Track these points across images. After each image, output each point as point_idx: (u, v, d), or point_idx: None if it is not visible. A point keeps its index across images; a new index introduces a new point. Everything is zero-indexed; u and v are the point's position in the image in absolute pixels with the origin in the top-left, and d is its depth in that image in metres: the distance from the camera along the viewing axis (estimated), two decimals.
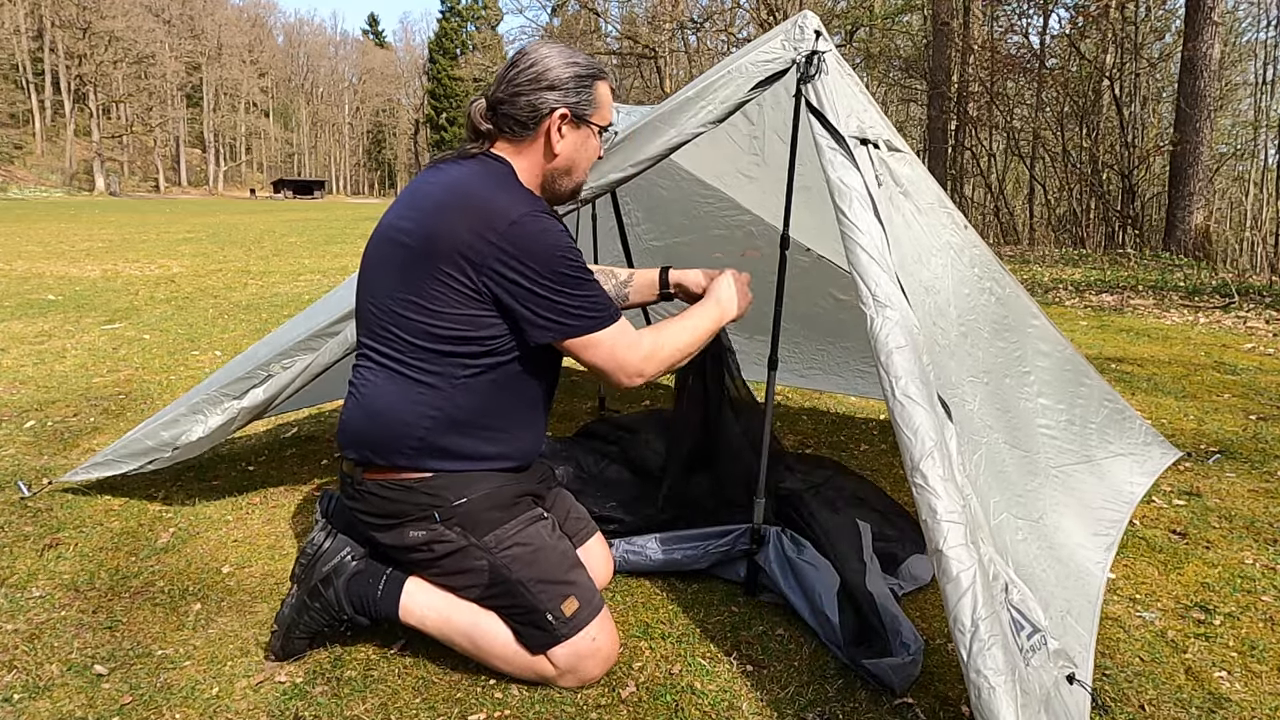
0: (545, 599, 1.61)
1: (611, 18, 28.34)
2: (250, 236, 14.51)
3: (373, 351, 1.63)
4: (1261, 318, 6.23)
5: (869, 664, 1.65)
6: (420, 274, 1.53)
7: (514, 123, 1.65)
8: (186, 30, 61.80)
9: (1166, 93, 16.45)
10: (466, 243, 1.49)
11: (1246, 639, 1.86)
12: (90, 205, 29.95)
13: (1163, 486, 2.73)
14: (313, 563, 1.72)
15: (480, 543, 1.62)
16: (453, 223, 1.52)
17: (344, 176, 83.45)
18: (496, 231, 1.49)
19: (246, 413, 2.30)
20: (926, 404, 1.43)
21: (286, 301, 6.79)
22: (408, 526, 1.62)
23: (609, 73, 1.71)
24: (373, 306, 1.63)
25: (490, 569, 1.62)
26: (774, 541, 2.03)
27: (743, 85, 1.77)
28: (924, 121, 19.14)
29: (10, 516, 2.44)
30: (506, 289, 1.52)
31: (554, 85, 1.63)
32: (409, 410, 1.57)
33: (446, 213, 1.54)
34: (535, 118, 1.64)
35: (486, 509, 1.62)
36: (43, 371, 4.23)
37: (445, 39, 63.27)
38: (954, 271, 1.99)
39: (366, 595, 1.69)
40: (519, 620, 1.62)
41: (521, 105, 1.64)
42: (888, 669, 1.63)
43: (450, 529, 1.61)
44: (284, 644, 1.71)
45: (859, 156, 1.65)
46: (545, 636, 1.60)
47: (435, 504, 1.60)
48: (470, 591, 1.65)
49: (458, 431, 1.60)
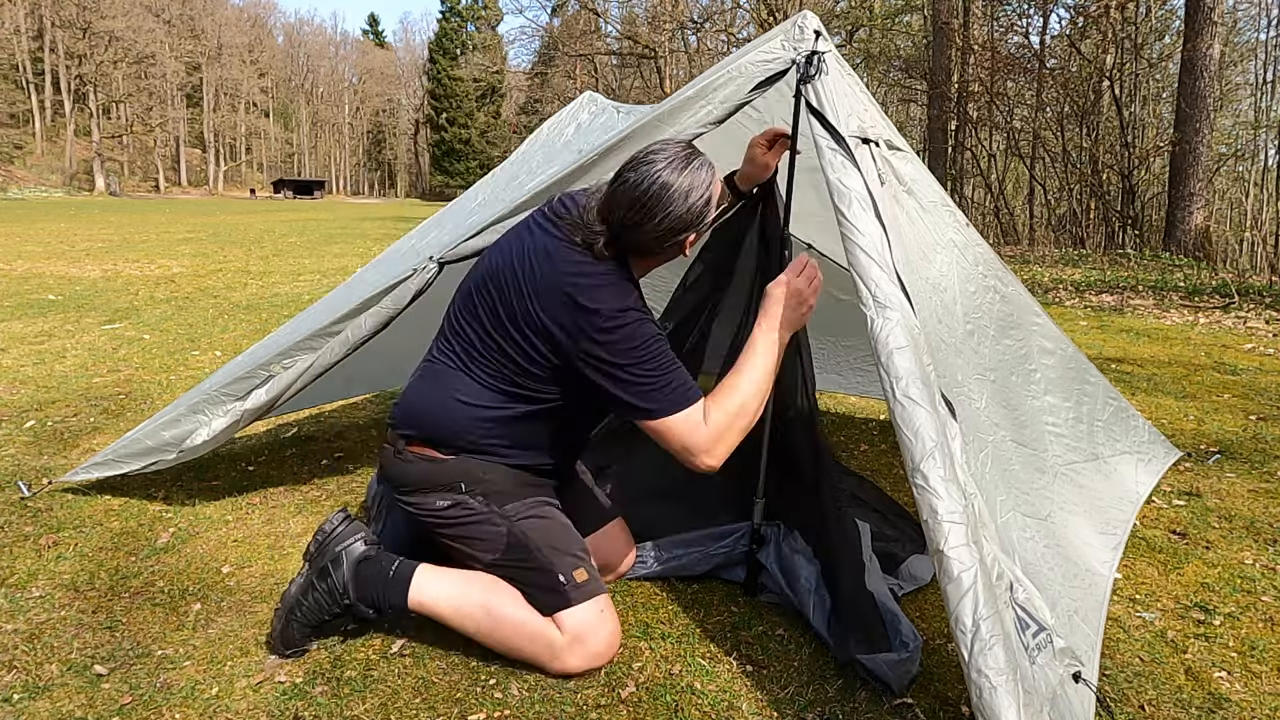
0: (559, 562, 1.70)
1: (611, 18, 28.36)
2: (250, 236, 14.51)
3: (459, 356, 1.75)
4: (1261, 318, 6.23)
5: (865, 660, 1.65)
6: (526, 331, 1.66)
7: (639, 248, 1.69)
8: (186, 30, 61.78)
9: (1166, 93, 16.47)
10: (568, 332, 1.63)
11: (1246, 639, 1.86)
12: (90, 205, 29.96)
13: (1163, 486, 2.73)
14: (325, 543, 1.78)
15: (500, 510, 1.73)
16: (556, 311, 1.63)
17: (344, 176, 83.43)
18: (596, 328, 1.61)
19: (250, 414, 2.30)
20: (928, 405, 1.43)
21: (286, 301, 6.79)
22: (435, 494, 1.74)
23: (707, 158, 1.70)
24: (476, 327, 1.73)
25: (509, 533, 1.72)
26: (775, 542, 2.03)
27: (743, 86, 1.77)
28: (924, 121, 19.14)
29: (10, 516, 2.43)
30: (596, 371, 1.64)
31: (685, 228, 1.66)
32: (472, 415, 1.72)
33: (553, 297, 1.64)
34: (669, 249, 1.71)
35: (510, 486, 1.76)
36: (43, 371, 4.23)
37: (445, 39, 63.20)
38: (959, 269, 1.99)
39: (376, 580, 1.73)
40: (532, 584, 1.70)
41: (651, 244, 1.67)
42: (884, 665, 1.63)
43: (474, 498, 1.73)
44: (284, 629, 1.73)
45: (860, 156, 1.65)
46: (557, 598, 1.67)
47: (464, 478, 1.73)
48: (487, 554, 1.73)
49: (506, 442, 1.75)
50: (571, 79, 36.61)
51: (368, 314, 2.16)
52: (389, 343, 2.52)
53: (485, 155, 58.54)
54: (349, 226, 19.12)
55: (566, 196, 1.79)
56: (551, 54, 35.95)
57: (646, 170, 1.62)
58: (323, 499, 2.62)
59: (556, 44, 32.81)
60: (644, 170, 1.62)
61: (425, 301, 2.16)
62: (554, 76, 39.57)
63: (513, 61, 58.64)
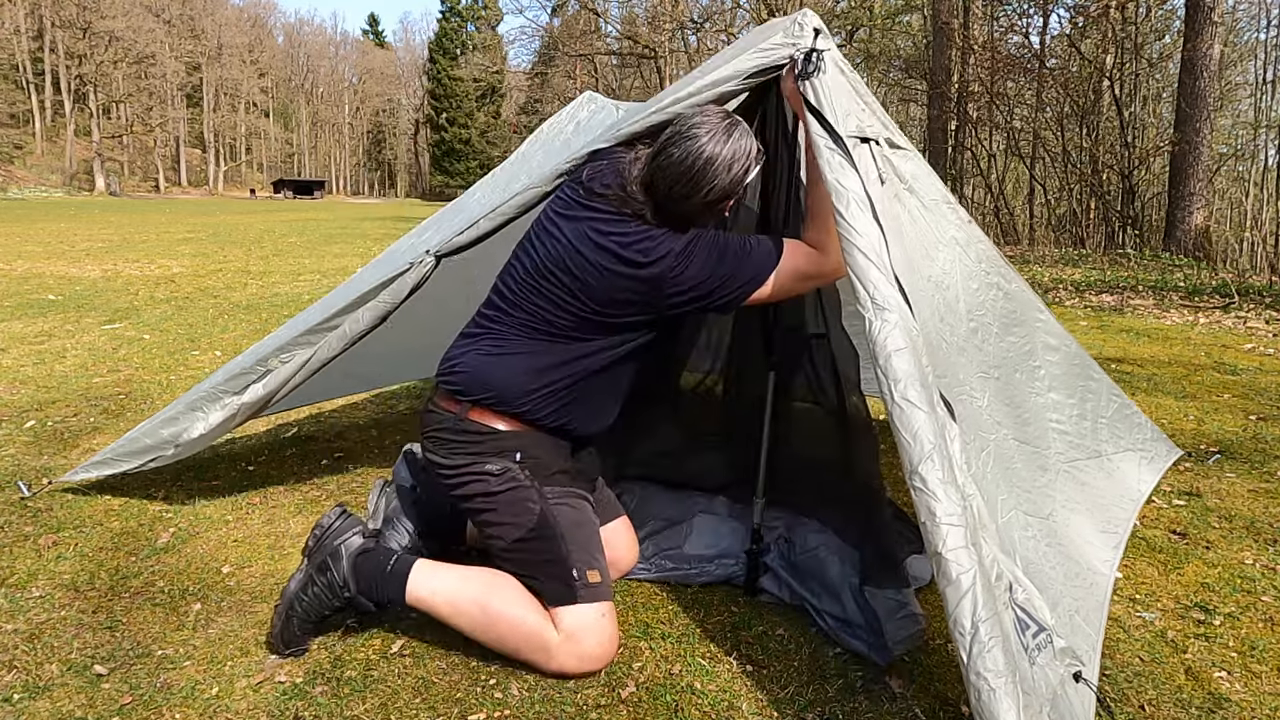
0: (576, 557, 1.72)
1: (611, 18, 28.33)
2: (250, 236, 14.51)
3: (524, 326, 1.79)
4: (1261, 318, 6.23)
5: (869, 590, 1.74)
6: (610, 310, 1.73)
7: (684, 218, 1.73)
8: (186, 30, 61.73)
9: (1166, 93, 16.47)
10: (650, 295, 1.71)
11: (1246, 639, 1.86)
12: (90, 205, 29.95)
13: (1163, 486, 2.73)
14: (323, 537, 1.79)
15: (540, 489, 1.78)
16: (630, 283, 1.70)
17: (344, 176, 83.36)
18: (672, 274, 1.69)
19: (247, 408, 2.30)
20: (926, 407, 1.43)
21: (286, 301, 6.79)
22: (489, 459, 1.77)
23: (744, 125, 1.74)
24: (544, 304, 1.76)
25: (541, 513, 1.75)
26: (775, 551, 2.04)
27: (736, 80, 1.76)
28: (924, 122, 19.13)
29: (10, 516, 2.44)
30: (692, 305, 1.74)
31: (729, 195, 1.71)
32: (540, 379, 1.77)
33: (622, 274, 1.70)
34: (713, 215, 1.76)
35: (555, 470, 1.82)
36: (43, 371, 4.23)
37: (445, 39, 63.15)
38: (961, 267, 1.98)
39: (375, 573, 1.73)
40: (545, 572, 1.71)
41: (695, 214, 1.73)
42: (884, 600, 1.71)
43: (523, 470, 1.78)
44: (284, 626, 1.73)
45: (859, 155, 1.65)
46: (566, 592, 1.69)
47: (519, 449, 1.79)
48: (512, 531, 1.74)
49: (564, 398, 1.80)
50: (571, 79, 36.61)
51: (365, 308, 2.15)
52: (390, 341, 2.52)
53: (485, 155, 58.49)
54: (349, 226, 19.12)
55: (603, 169, 1.79)
56: (551, 54, 35.94)
57: (690, 146, 1.65)
58: (323, 499, 2.62)
59: (556, 44, 32.79)
60: (688, 146, 1.66)
61: (425, 298, 2.15)
62: (554, 76, 39.58)
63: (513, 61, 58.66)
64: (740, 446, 2.29)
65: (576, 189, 1.80)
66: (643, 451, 2.50)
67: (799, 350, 2.14)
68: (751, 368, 2.35)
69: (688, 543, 2.19)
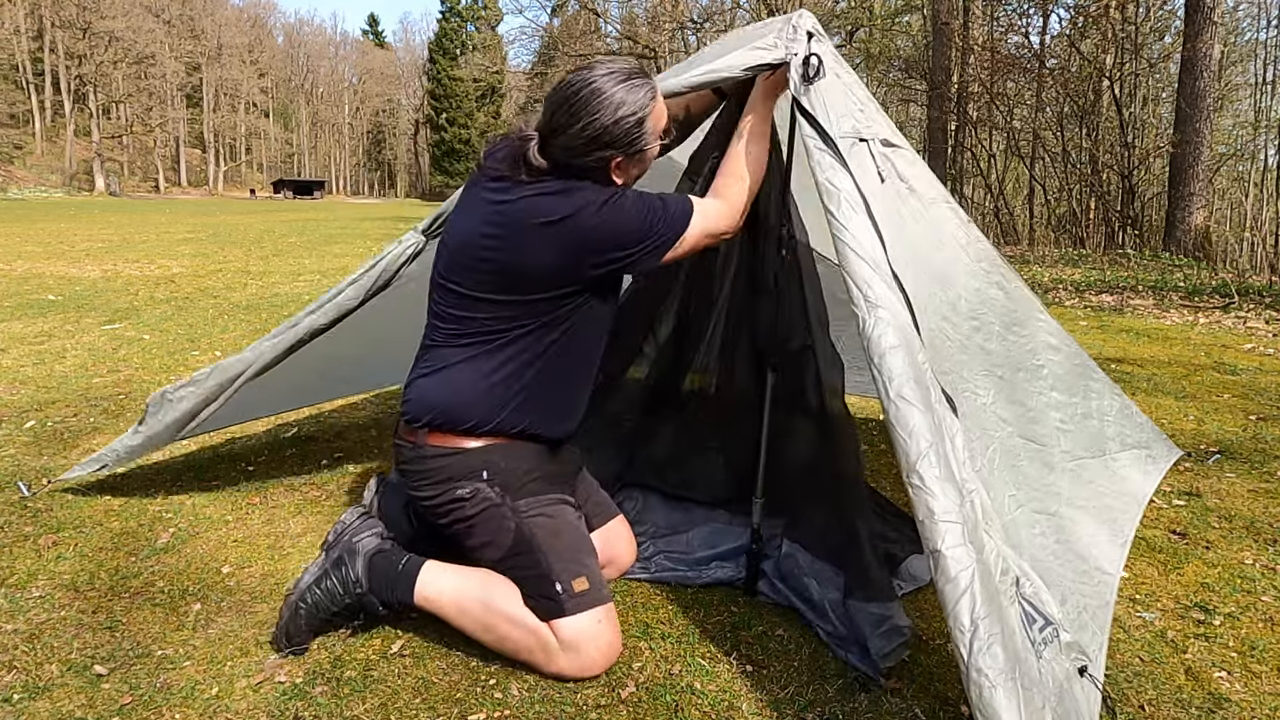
0: (559, 569, 1.68)
1: (611, 18, 28.34)
2: (250, 237, 14.51)
3: (455, 336, 1.74)
4: (1261, 318, 6.23)
5: (852, 604, 1.72)
6: (516, 272, 1.67)
7: (573, 169, 1.69)
8: (186, 30, 61.72)
9: (1166, 93, 16.47)
10: (567, 259, 1.65)
11: (1246, 639, 1.86)
12: (90, 205, 29.95)
13: (1163, 486, 2.73)
14: (342, 534, 1.81)
15: (513, 505, 1.73)
16: (540, 248, 1.64)
17: (344, 177, 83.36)
18: (578, 241, 1.64)
19: (231, 379, 2.31)
20: (921, 404, 1.43)
21: (286, 301, 6.79)
22: (457, 484, 1.73)
23: (655, 84, 1.71)
24: (461, 302, 1.73)
25: (516, 530, 1.71)
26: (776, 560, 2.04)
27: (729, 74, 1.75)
28: (924, 122, 19.13)
29: (10, 516, 2.44)
30: (611, 268, 1.70)
31: (611, 143, 1.65)
32: (483, 383, 1.72)
33: (531, 236, 1.64)
34: (595, 168, 1.69)
35: (528, 480, 1.76)
36: (43, 371, 4.23)
37: (445, 39, 63.18)
38: (963, 266, 1.99)
39: (387, 572, 1.75)
40: (530, 589, 1.69)
41: (577, 167, 1.67)
42: (867, 615, 1.69)
43: (492, 488, 1.72)
44: (290, 619, 1.73)
45: (856, 155, 1.64)
46: (552, 606, 1.66)
47: (486, 467, 1.73)
48: (493, 551, 1.73)
49: (520, 401, 1.74)
50: None
51: (353, 285, 2.19)
52: (390, 341, 2.52)
53: None
54: (349, 226, 19.12)
55: (496, 148, 1.78)
56: (551, 54, 35.88)
57: (584, 73, 1.65)
58: (323, 499, 2.63)
59: (556, 44, 32.77)
60: (582, 73, 1.65)
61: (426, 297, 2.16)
62: (554, 76, 39.55)
63: (513, 61, 58.59)
64: (739, 451, 2.28)
65: (476, 177, 1.78)
66: (644, 459, 2.49)
67: (788, 361, 2.14)
68: (745, 367, 2.35)
69: (688, 544, 2.20)
